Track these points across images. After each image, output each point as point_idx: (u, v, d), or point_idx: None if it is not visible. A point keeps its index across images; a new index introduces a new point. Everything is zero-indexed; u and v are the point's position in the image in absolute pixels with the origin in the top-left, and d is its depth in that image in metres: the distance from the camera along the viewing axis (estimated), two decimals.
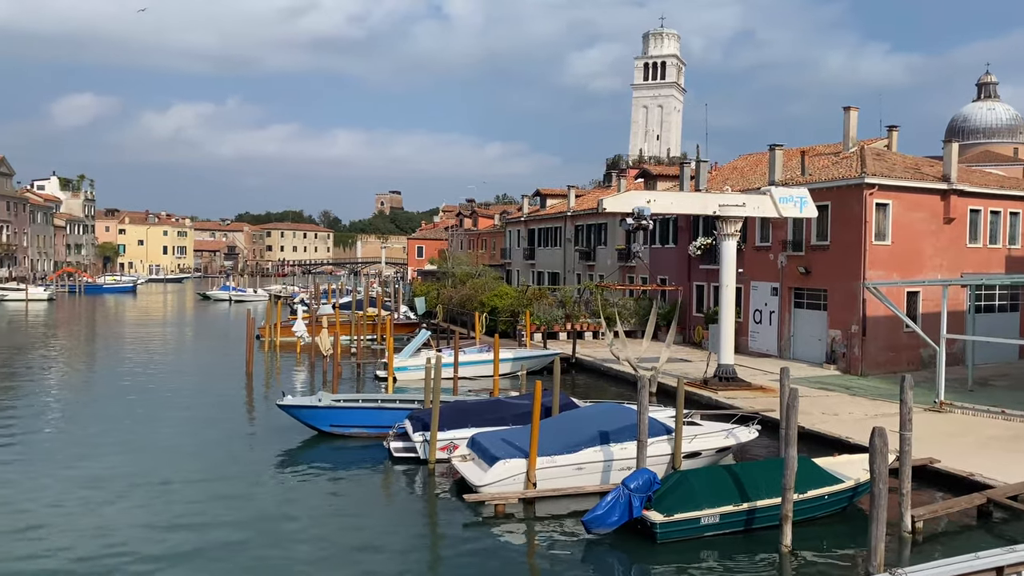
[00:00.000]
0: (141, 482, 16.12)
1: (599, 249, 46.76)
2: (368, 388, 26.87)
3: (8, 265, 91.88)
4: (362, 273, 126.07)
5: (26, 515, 14.09)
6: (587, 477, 15.28)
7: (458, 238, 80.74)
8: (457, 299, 44.77)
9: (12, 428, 21.21)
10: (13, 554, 12.32)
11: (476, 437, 16.36)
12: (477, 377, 27.59)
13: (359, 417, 19.87)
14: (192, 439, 19.99)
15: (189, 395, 26.25)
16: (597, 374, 29.85)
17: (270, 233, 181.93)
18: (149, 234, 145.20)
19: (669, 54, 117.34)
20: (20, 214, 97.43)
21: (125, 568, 11.87)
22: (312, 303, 50.86)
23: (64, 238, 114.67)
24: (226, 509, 14.57)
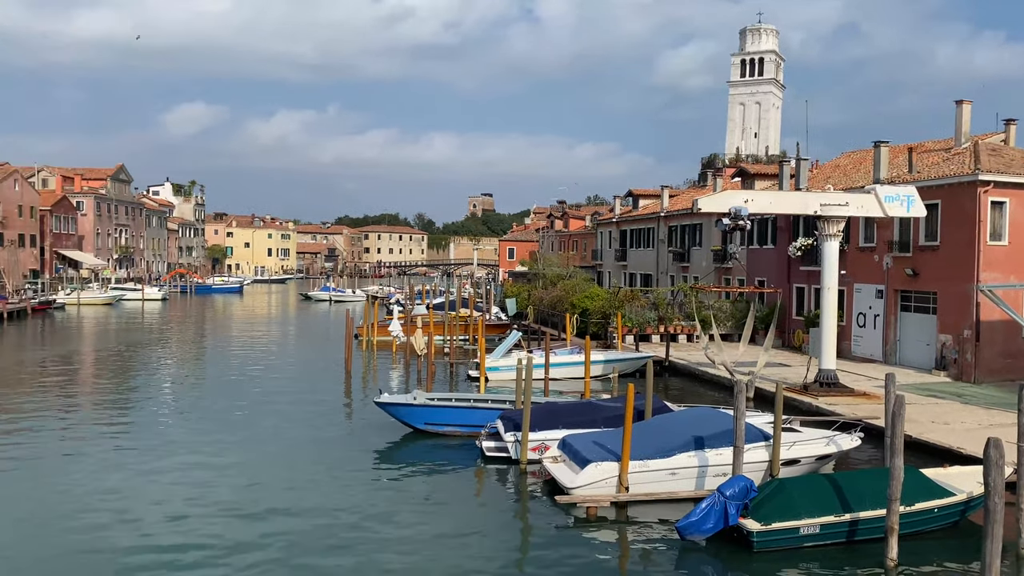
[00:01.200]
0: (243, 473, 16.85)
1: (694, 250, 45.91)
2: (461, 388, 27.25)
3: (126, 266, 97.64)
4: (455, 274, 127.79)
5: (134, 500, 14.95)
6: (681, 482, 15.05)
7: (549, 239, 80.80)
8: (548, 300, 44.83)
9: (128, 419, 22.56)
10: (120, 536, 13.10)
11: (567, 439, 16.35)
12: (568, 379, 27.56)
13: (452, 416, 20.18)
14: (294, 433, 20.75)
15: (292, 391, 27.27)
16: (691, 378, 29.33)
17: (368, 236, 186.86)
18: (255, 237, 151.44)
19: (767, 50, 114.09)
20: (137, 218, 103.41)
21: (221, 556, 12.42)
22: (407, 304, 51.94)
23: (176, 241, 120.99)
24: (323, 502, 15.04)
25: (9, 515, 14.30)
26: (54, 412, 23.37)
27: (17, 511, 14.51)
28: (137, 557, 12.32)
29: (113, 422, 22.21)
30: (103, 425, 21.75)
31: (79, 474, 16.81)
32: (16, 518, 14.16)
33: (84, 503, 14.88)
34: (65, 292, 68.95)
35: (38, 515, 14.30)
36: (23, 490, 15.75)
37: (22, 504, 14.89)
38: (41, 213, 76.98)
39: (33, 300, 60.15)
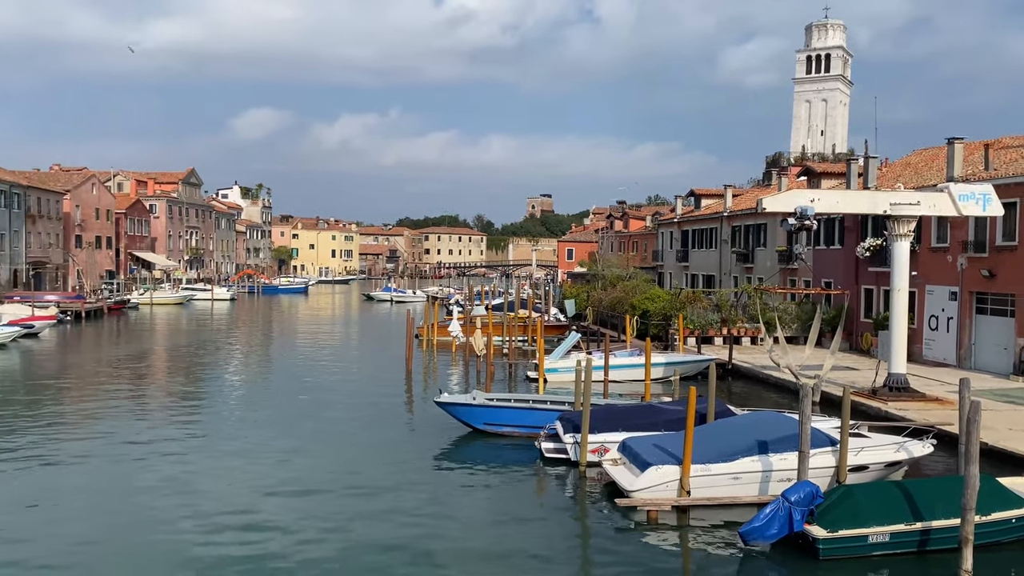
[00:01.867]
0: (306, 469, 17.20)
1: (758, 251, 45.06)
2: (520, 388, 27.29)
3: (196, 267, 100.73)
4: (513, 275, 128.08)
5: (200, 493, 15.40)
6: (744, 487, 14.78)
7: (608, 240, 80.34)
8: (607, 301, 44.56)
9: (198, 414, 23.28)
10: (187, 526, 13.52)
11: (627, 441, 16.22)
12: (628, 381, 27.35)
13: (511, 416, 20.23)
14: (356, 431, 21.10)
15: (354, 389, 27.73)
16: (755, 381, 28.79)
17: (428, 237, 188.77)
18: (319, 239, 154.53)
19: (834, 46, 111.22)
20: (207, 221, 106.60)
21: (283, 549, 12.69)
22: (466, 304, 52.29)
23: (244, 243, 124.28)
24: (383, 499, 15.24)
25: (85, 505, 14.89)
26: (128, 408, 24.26)
27: (93, 502, 15.10)
28: (203, 548, 12.69)
29: (183, 417, 22.94)
30: (173, 420, 22.48)
31: (150, 467, 17.40)
32: (92, 508, 14.73)
33: (155, 494, 15.39)
34: (139, 292, 71.50)
35: (112, 506, 14.85)
36: (98, 481, 16.38)
37: (98, 496, 15.48)
38: (117, 216, 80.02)
39: (109, 300, 62.53)
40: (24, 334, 41.37)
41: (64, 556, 12.45)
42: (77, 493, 15.62)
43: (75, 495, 15.49)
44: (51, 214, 66.61)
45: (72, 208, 70.38)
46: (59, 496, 15.41)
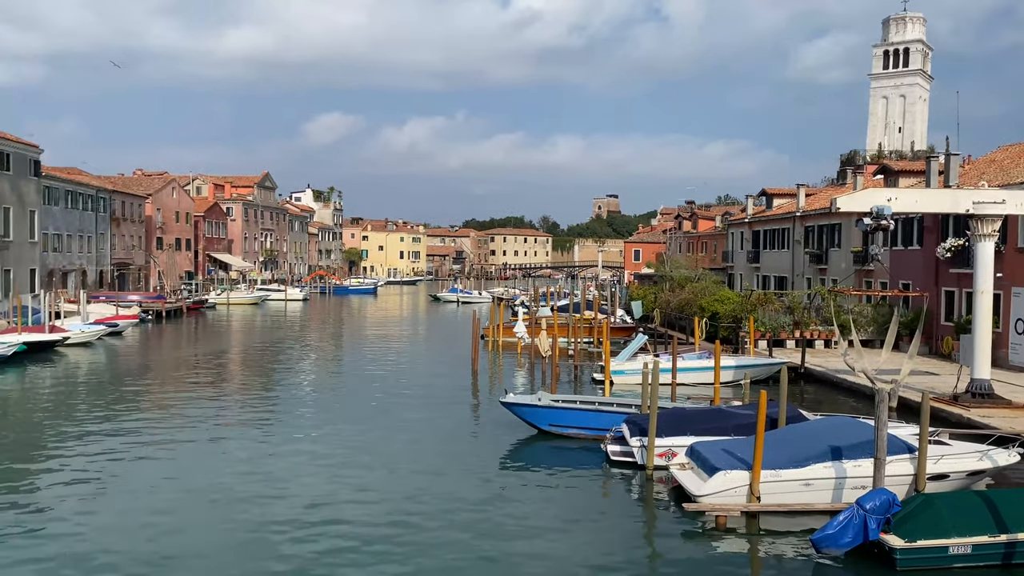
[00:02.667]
0: (373, 467, 17.49)
1: (832, 252, 43.85)
2: (585, 390, 27.19)
3: (270, 269, 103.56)
4: (579, 276, 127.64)
5: (271, 489, 15.82)
6: (816, 494, 14.41)
7: (676, 241, 79.32)
8: (675, 303, 44.00)
9: (270, 412, 23.92)
10: (259, 520, 13.92)
11: (695, 446, 16.00)
12: (696, 384, 26.96)
13: (577, 418, 20.17)
14: (422, 429, 21.37)
15: (421, 388, 28.10)
16: (828, 385, 28.02)
17: (493, 238, 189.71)
18: (388, 240, 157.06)
19: (913, 39, 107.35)
20: (281, 223, 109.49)
21: (349, 545, 12.93)
22: (532, 305, 52.37)
23: (316, 244, 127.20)
24: (448, 498, 15.38)
25: (165, 497, 15.48)
26: (205, 404, 25.11)
27: (172, 494, 15.69)
28: (269, 542, 13.05)
29: (257, 414, 23.62)
30: (248, 417, 23.17)
31: (226, 462, 17.98)
32: (172, 500, 15.30)
33: (230, 489, 15.89)
34: (216, 292, 73.92)
35: (190, 499, 15.40)
36: (178, 475, 17.00)
37: (177, 488, 16.08)
38: (195, 219, 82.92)
39: (188, 300, 64.80)
40: (109, 332, 43.25)
41: (144, 546, 12.97)
42: (158, 485, 16.24)
43: (156, 487, 16.11)
44: (134, 217, 69.44)
45: (154, 211, 73.24)
46: (141, 488, 16.06)
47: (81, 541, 13.09)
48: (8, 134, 47.91)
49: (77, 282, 57.18)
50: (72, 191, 57.74)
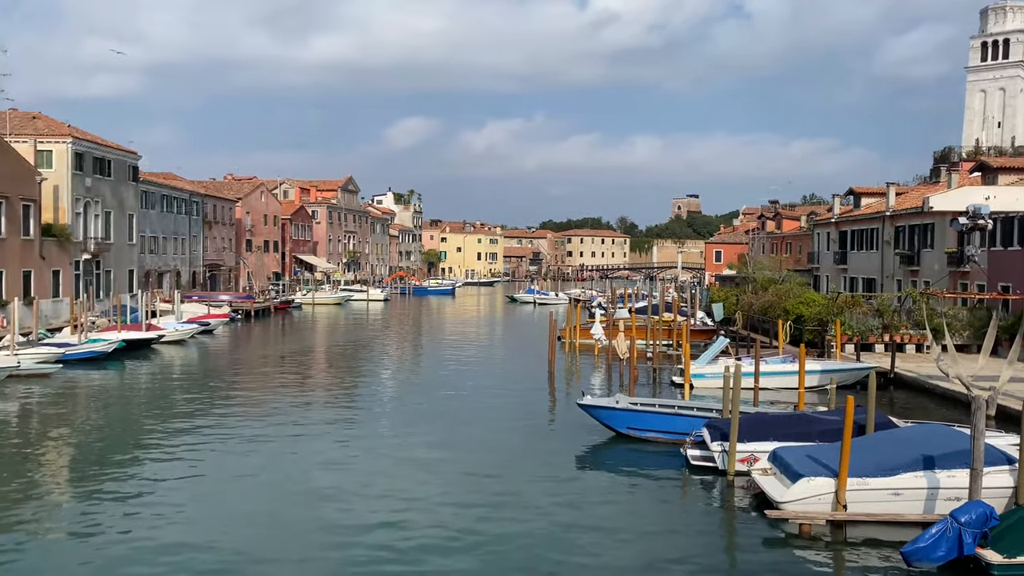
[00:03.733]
0: (449, 467, 17.70)
1: (924, 252, 42.09)
2: (664, 393, 26.88)
3: (353, 270, 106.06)
4: (658, 278, 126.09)
5: (349, 487, 16.20)
6: (906, 504, 13.86)
7: (759, 242, 77.51)
8: (758, 306, 42.99)
9: (351, 410, 24.53)
10: (337, 517, 14.27)
11: (779, 451, 15.63)
12: (780, 389, 26.29)
13: (656, 421, 19.96)
14: (499, 429, 21.53)
15: (498, 388, 28.30)
16: (920, 392, 26.90)
17: (570, 239, 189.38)
18: (466, 242, 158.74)
19: (1014, 29, 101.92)
20: (363, 225, 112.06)
21: (426, 545, 13.11)
22: (609, 307, 52.05)
23: (397, 246, 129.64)
24: (524, 499, 15.44)
25: (246, 494, 16.06)
26: (290, 401, 25.92)
27: (253, 491, 16.26)
28: (344, 540, 13.37)
29: (338, 412, 24.25)
30: (329, 415, 23.79)
31: (308, 457, 18.53)
32: (252, 497, 15.86)
33: (310, 484, 16.38)
34: (302, 293, 76.16)
35: (270, 495, 15.94)
36: (259, 471, 17.62)
37: (258, 485, 16.66)
38: (282, 221, 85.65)
39: (275, 300, 66.99)
40: (201, 331, 45.12)
41: (227, 537, 13.49)
42: (243, 478, 16.87)
43: (241, 480, 16.74)
44: (225, 220, 72.24)
45: (243, 214, 76.02)
46: (228, 481, 16.71)
47: (169, 531, 13.70)
48: (110, 142, 50.56)
49: (172, 282, 59.86)
50: (168, 195, 60.48)
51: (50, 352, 32.09)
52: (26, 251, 40.17)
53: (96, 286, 47.40)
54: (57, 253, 43.09)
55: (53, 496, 15.86)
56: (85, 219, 46.89)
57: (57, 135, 45.31)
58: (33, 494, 15.81)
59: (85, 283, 46.02)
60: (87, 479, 17.04)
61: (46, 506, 15.08)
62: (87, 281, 46.39)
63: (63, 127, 46.42)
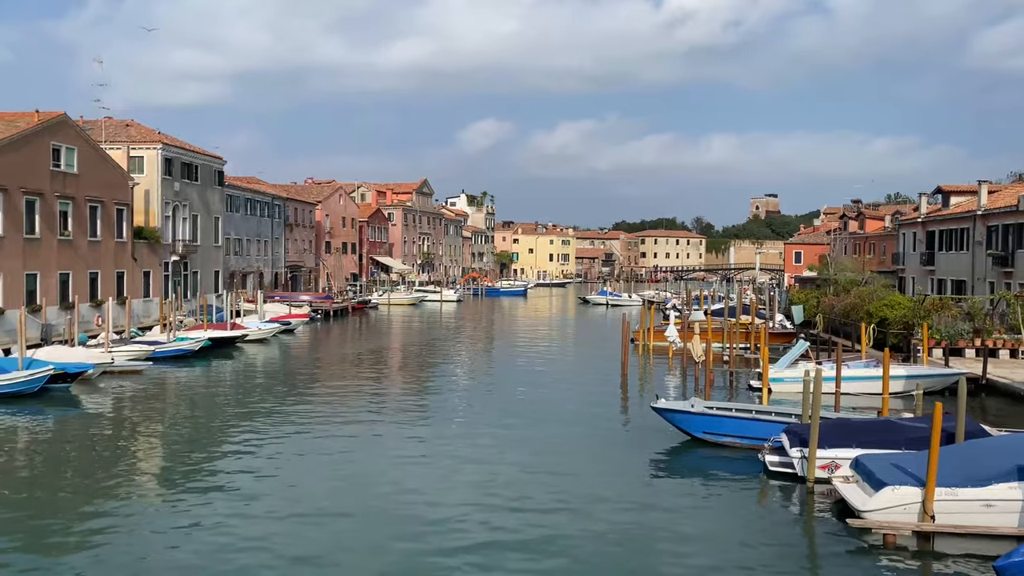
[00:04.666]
0: (521, 469, 17.74)
1: (1019, 253, 40.07)
2: (741, 397, 26.38)
3: (427, 271, 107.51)
4: (735, 279, 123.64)
5: (420, 486, 16.42)
6: (999, 516, 13.23)
7: (841, 242, 75.14)
8: (840, 308, 41.71)
9: (423, 409, 24.87)
10: (409, 517, 14.49)
11: (861, 458, 15.14)
12: (862, 394, 25.47)
13: (732, 426, 19.60)
14: (571, 431, 21.49)
15: (570, 390, 28.25)
16: (1015, 399, 25.62)
17: (644, 240, 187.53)
18: (538, 243, 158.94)
19: None
20: (437, 227, 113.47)
21: (497, 546, 13.17)
22: (684, 309, 51.32)
23: (470, 247, 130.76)
24: (597, 502, 15.38)
25: (322, 491, 16.47)
26: (366, 399, 26.47)
27: (329, 487, 16.67)
28: (417, 538, 13.57)
29: (412, 410, 24.64)
30: (403, 413, 24.20)
31: (381, 456, 18.91)
32: (327, 493, 16.26)
33: (383, 481, 16.70)
34: (378, 294, 77.63)
35: (345, 491, 16.31)
36: (336, 467, 18.04)
37: (334, 483, 17.07)
38: (360, 224, 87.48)
39: (353, 300, 68.47)
40: (282, 330, 46.51)
41: (302, 531, 13.87)
42: (319, 474, 17.32)
43: (317, 476, 17.19)
44: (305, 223, 74.23)
45: (323, 217, 77.97)
46: (305, 475, 17.18)
47: (250, 523, 14.18)
48: (197, 147, 52.61)
49: (255, 283, 61.85)
50: (251, 199, 62.53)
51: (141, 350, 33.60)
52: (119, 253, 42.17)
53: (184, 286, 49.39)
54: (148, 255, 45.08)
55: (142, 487, 16.62)
56: (174, 222, 48.90)
57: (148, 142, 47.42)
58: (123, 485, 16.60)
59: (173, 283, 47.99)
60: (174, 472, 17.78)
61: (136, 497, 15.81)
62: (175, 281, 48.37)
63: (153, 134, 48.54)
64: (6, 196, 33.56)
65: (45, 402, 24.94)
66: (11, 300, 33.47)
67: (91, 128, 43.93)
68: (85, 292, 38.58)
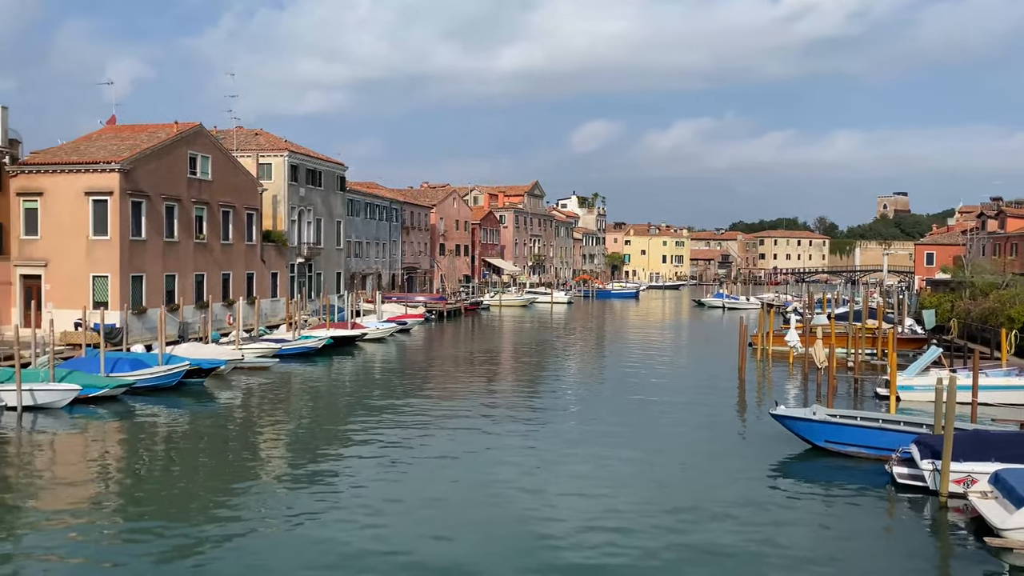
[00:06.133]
0: (636, 474, 17.58)
1: None
2: (867, 406, 25.16)
3: (538, 273, 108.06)
4: (860, 282, 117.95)
5: (535, 488, 16.48)
6: None
7: (979, 242, 70.35)
8: (977, 313, 39.08)
9: (535, 413, 24.99)
10: (525, 519, 14.55)
11: (1001, 473, 14.15)
12: (1002, 405, 23.81)
13: (858, 435, 18.74)
14: (687, 436, 21.11)
15: (684, 395, 27.72)
16: None
17: (763, 241, 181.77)
18: (650, 244, 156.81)
19: None
20: (547, 229, 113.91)
21: (601, 555, 13.06)
22: (806, 312, 49.40)
23: (580, 249, 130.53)
24: (712, 509, 15.02)
25: (435, 488, 16.82)
26: (477, 399, 26.87)
27: (442, 487, 17.00)
28: (527, 543, 13.63)
29: (522, 413, 24.81)
30: (514, 415, 24.40)
31: (492, 458, 19.12)
32: (441, 491, 16.59)
33: (493, 483, 16.89)
34: (489, 295, 78.67)
35: (456, 490, 16.59)
36: (446, 467, 18.39)
37: (447, 481, 17.40)
38: (472, 226, 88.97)
39: (466, 301, 69.69)
40: (399, 330, 47.91)
41: (412, 529, 14.21)
42: (431, 472, 17.72)
43: (429, 473, 17.59)
44: (421, 226, 76.18)
45: (437, 220, 79.80)
46: (417, 472, 17.62)
47: (368, 517, 14.67)
48: (320, 154, 54.93)
49: (374, 284, 63.97)
50: (370, 203, 64.73)
51: (269, 347, 35.38)
52: (249, 255, 44.54)
53: (308, 287, 51.66)
54: (275, 257, 47.41)
55: (269, 478, 17.51)
56: (299, 226, 51.23)
57: (276, 149, 49.89)
58: (251, 474, 17.55)
59: (298, 284, 50.28)
60: (298, 464, 18.63)
61: (262, 486, 16.67)
62: (300, 282, 50.67)
63: (281, 142, 51.02)
64: (148, 202, 36.10)
65: (182, 395, 26.67)
66: (152, 299, 35.97)
67: (224, 137, 46.64)
68: (218, 292, 40.97)
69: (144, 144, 36.73)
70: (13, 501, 15.54)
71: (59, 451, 19.85)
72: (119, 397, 25.35)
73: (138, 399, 25.47)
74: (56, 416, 22.91)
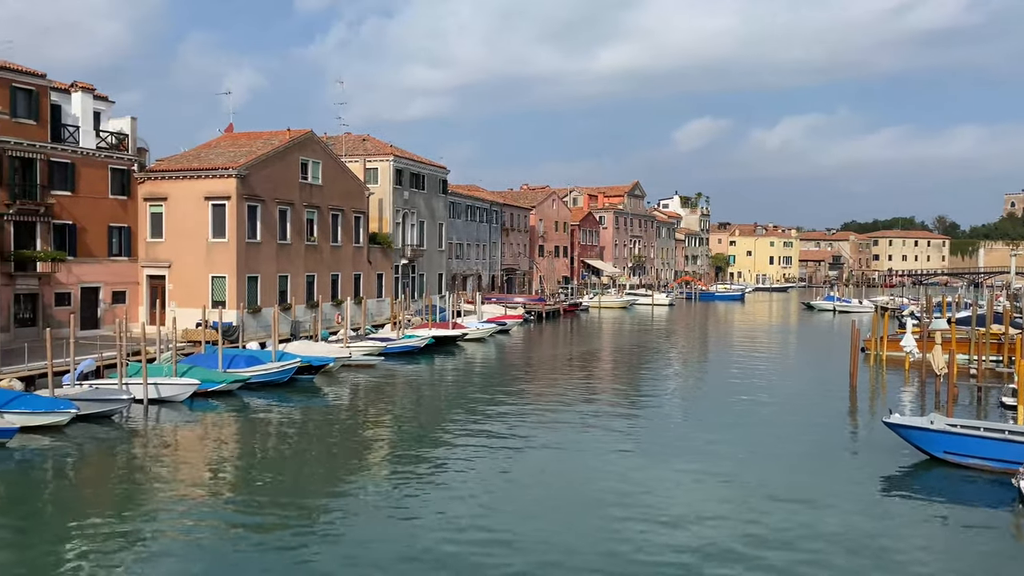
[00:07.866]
0: (743, 482, 17.09)
1: None
2: (991, 416, 23.65)
3: (638, 274, 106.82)
4: (984, 284, 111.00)
5: (633, 493, 16.27)
6: None
7: None
8: None
9: (635, 417, 24.71)
10: (625, 524, 14.39)
11: None
12: None
13: (981, 447, 17.64)
14: (795, 443, 20.41)
15: (793, 401, 26.81)
16: None
17: (877, 242, 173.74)
18: (757, 245, 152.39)
19: None
20: (648, 230, 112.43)
21: (699, 563, 12.75)
22: (923, 316, 46.88)
23: (683, 250, 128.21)
24: (821, 524, 14.47)
25: (533, 489, 16.86)
26: (575, 401, 26.81)
27: (541, 488, 17.03)
28: (626, 546, 13.47)
29: (621, 416, 24.58)
30: (612, 418, 24.21)
31: (591, 461, 19.02)
32: (539, 493, 16.62)
33: (590, 488, 16.79)
34: (589, 296, 78.34)
35: (555, 493, 16.59)
36: (544, 468, 18.42)
37: (545, 483, 17.42)
38: (571, 227, 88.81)
39: (565, 303, 69.62)
40: (499, 330, 48.37)
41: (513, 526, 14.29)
42: (527, 472, 17.79)
43: (525, 473, 17.67)
44: (520, 227, 76.65)
45: (536, 222, 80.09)
46: (517, 471, 17.72)
47: (467, 514, 14.87)
48: (423, 158, 56.15)
49: (474, 285, 64.81)
50: (471, 205, 65.65)
51: (375, 346, 36.43)
52: (357, 257, 45.98)
53: (411, 288, 52.87)
54: (381, 258, 48.76)
55: (375, 470, 18.03)
56: (403, 228, 52.52)
57: (382, 154, 51.32)
58: (359, 467, 18.12)
59: (402, 285, 51.53)
60: (402, 458, 19.09)
61: (368, 479, 17.17)
62: (404, 283, 51.92)
63: (386, 147, 52.44)
64: (263, 206, 37.80)
65: (293, 391, 27.80)
66: (267, 299, 37.65)
67: (333, 143, 48.32)
68: (327, 292, 42.47)
69: (259, 151, 38.49)
70: (139, 485, 16.64)
71: (180, 441, 21.06)
72: (235, 392, 26.68)
73: (252, 394, 26.72)
74: (177, 409, 24.32)
